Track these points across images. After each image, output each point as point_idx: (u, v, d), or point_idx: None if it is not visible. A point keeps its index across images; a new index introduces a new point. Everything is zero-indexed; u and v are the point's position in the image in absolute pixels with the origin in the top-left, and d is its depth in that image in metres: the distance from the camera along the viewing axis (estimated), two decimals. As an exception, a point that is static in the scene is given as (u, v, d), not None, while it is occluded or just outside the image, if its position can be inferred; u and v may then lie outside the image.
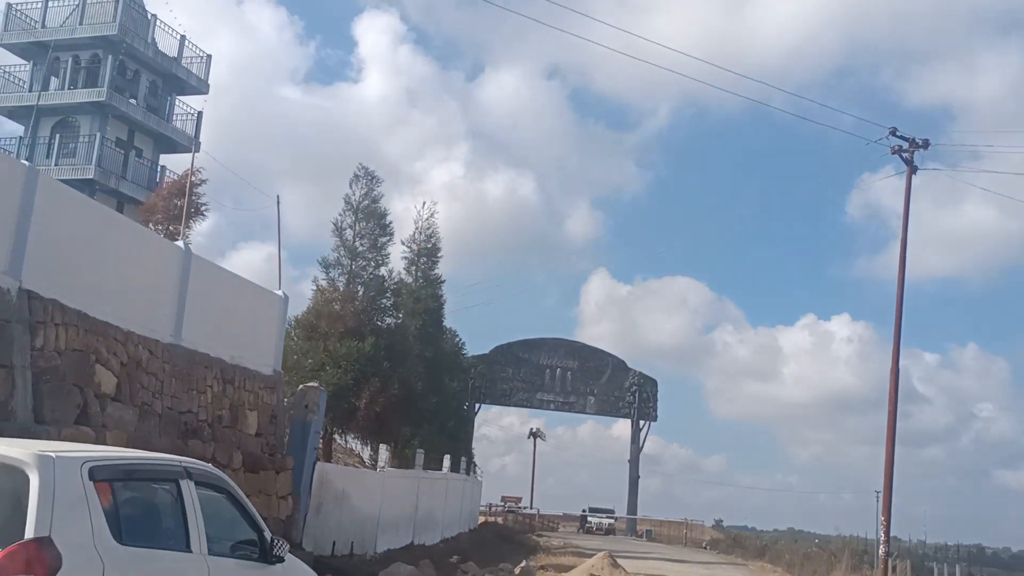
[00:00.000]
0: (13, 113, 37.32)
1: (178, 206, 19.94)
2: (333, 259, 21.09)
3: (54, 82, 37.83)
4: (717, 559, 32.19)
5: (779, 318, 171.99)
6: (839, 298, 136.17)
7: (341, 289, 20.70)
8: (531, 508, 49.96)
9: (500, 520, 41.88)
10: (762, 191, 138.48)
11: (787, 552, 31.14)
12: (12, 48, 37.15)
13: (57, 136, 36.18)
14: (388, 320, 21.85)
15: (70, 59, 37.48)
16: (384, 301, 21.55)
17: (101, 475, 4.69)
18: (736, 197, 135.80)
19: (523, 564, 17.82)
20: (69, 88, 37.18)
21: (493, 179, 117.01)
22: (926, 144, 17.69)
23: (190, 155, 37.93)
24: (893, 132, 17.70)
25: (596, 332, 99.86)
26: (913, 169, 17.55)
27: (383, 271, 21.53)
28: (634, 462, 51.25)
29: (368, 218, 21.43)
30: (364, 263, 21.25)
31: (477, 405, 47.21)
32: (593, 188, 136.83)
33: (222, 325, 13.75)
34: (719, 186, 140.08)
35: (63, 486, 4.40)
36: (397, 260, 24.16)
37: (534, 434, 61.57)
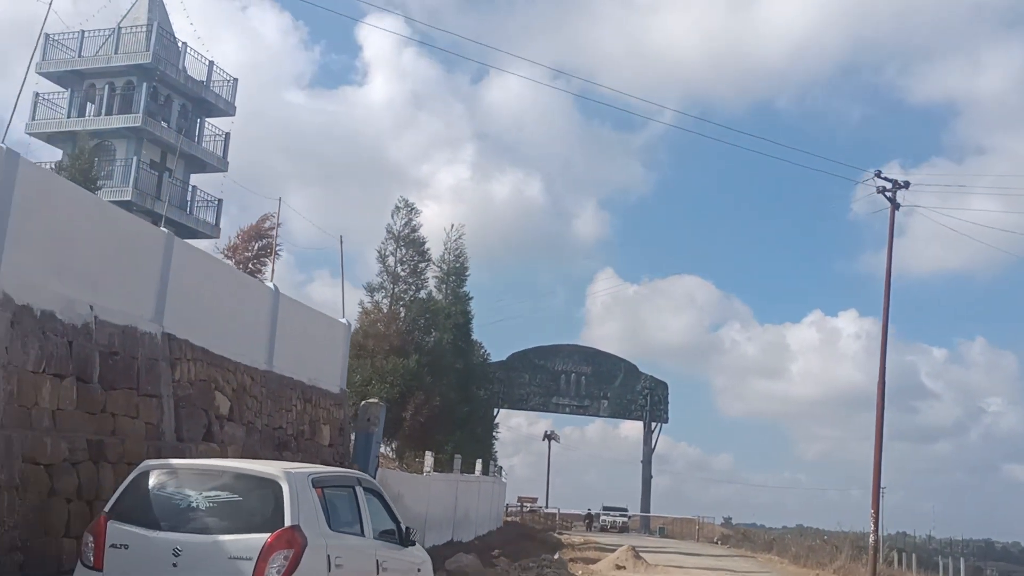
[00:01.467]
0: (52, 138, 39.43)
1: (255, 248, 22.27)
2: (377, 283, 23.37)
3: (90, 108, 40.00)
4: (728, 552, 34.42)
5: (786, 315, 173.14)
6: (846, 294, 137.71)
7: (385, 311, 22.97)
8: (548, 508, 52.20)
9: (518, 519, 44.03)
10: (767, 188, 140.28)
11: (793, 545, 33.37)
12: (50, 76, 39.28)
13: (95, 160, 38.31)
14: (428, 339, 24.10)
15: (106, 86, 39.64)
16: (423, 321, 23.80)
17: (318, 483, 7.01)
18: (742, 195, 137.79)
19: (557, 556, 20.03)
20: (105, 114, 39.32)
21: (500, 180, 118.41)
22: (907, 185, 19.90)
23: (219, 174, 40.50)
24: (878, 174, 19.93)
25: (603, 332, 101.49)
26: (896, 206, 19.73)
27: (423, 294, 23.75)
28: (646, 462, 53.57)
29: (408, 246, 23.71)
30: (405, 287, 23.52)
31: (496, 410, 49.50)
32: (600, 188, 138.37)
33: (302, 352, 16.06)
34: (725, 185, 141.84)
35: (301, 491, 6.71)
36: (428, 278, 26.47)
37: (549, 436, 63.79)
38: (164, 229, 12.54)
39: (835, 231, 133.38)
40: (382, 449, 31.47)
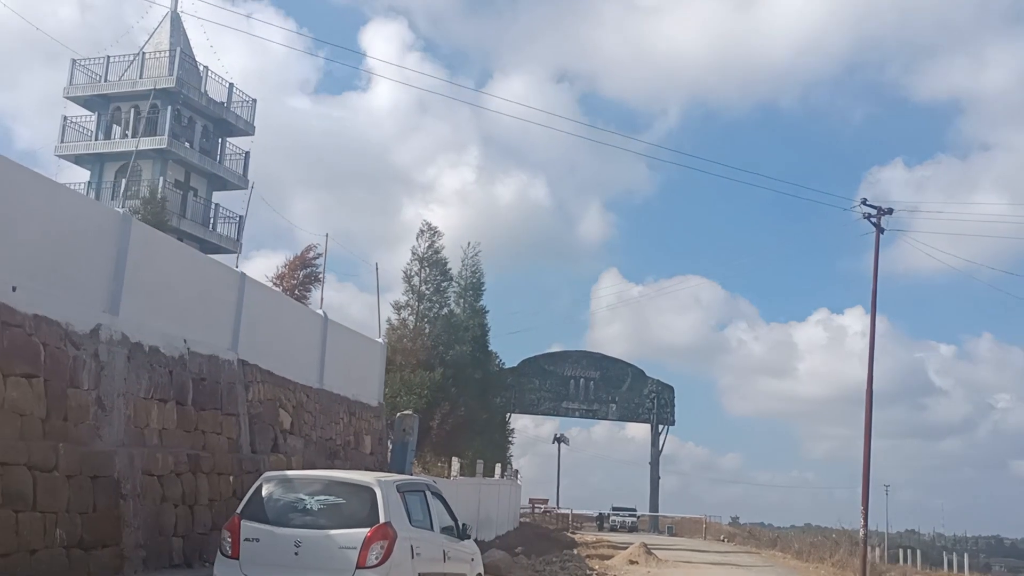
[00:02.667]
0: (80, 159, 41.25)
1: (300, 275, 24.19)
2: (403, 302, 25.26)
3: (116, 130, 41.84)
4: (734, 549, 36.22)
5: (792, 314, 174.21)
6: (852, 292, 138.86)
7: (411, 327, 24.86)
8: (559, 509, 53.96)
9: (529, 520, 45.77)
10: (772, 188, 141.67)
11: (795, 542, 35.17)
12: (77, 100, 41.11)
13: (123, 180, 40.12)
14: (451, 352, 25.96)
15: (132, 109, 41.47)
16: (446, 336, 25.65)
17: (400, 489, 8.87)
18: (746, 195, 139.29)
19: (575, 551, 21.86)
20: (132, 136, 41.10)
21: (504, 183, 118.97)
22: (890, 211, 21.74)
23: (241, 191, 42.36)
24: (864, 201, 21.82)
25: (609, 332, 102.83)
26: (880, 231, 21.55)
27: (445, 311, 25.61)
28: (654, 464, 55.40)
29: (432, 267, 25.59)
30: (430, 304, 25.40)
31: (508, 414, 51.30)
32: (604, 190, 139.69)
33: (346, 370, 17.93)
34: (729, 185, 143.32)
35: (389, 495, 8.56)
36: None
37: (559, 439, 65.52)
38: (238, 270, 14.42)
39: (839, 229, 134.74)
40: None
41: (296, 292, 22.68)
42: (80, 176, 41.70)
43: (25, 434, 9.21)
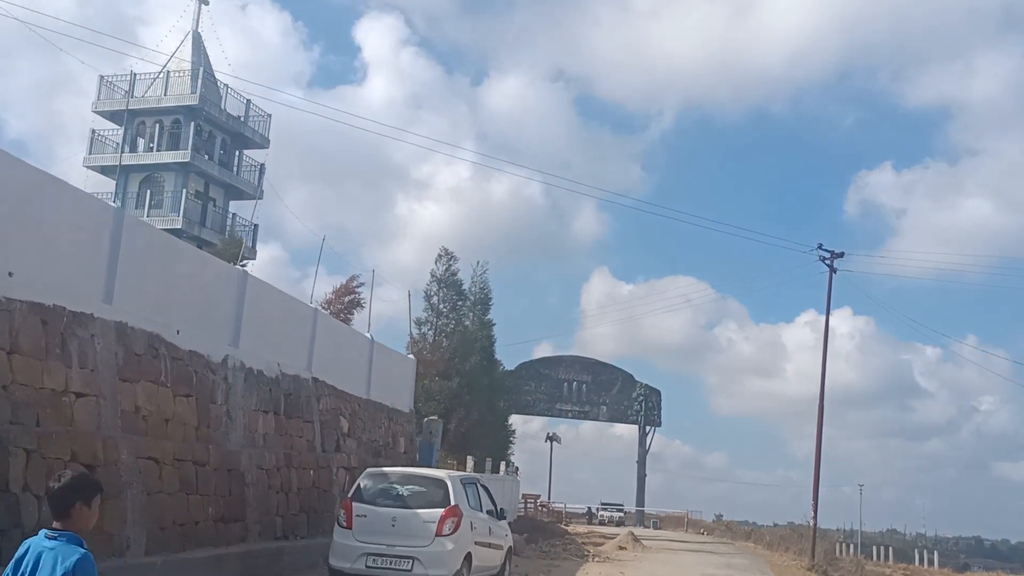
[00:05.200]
0: (105, 170, 44.27)
1: (345, 301, 27.64)
2: (423, 319, 28.80)
3: (140, 143, 44.95)
4: (712, 540, 39.96)
5: (780, 315, 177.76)
6: (839, 294, 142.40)
7: (431, 341, 28.39)
8: (555, 504, 57.63)
9: (523, 514, 49.28)
10: (763, 191, 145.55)
11: (767, 535, 38.86)
12: (103, 114, 44.18)
13: (148, 191, 43.18)
14: (466, 364, 29.52)
15: (156, 124, 44.57)
16: (461, 349, 29.20)
17: (462, 481, 12.47)
18: (737, 198, 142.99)
19: (573, 538, 25.45)
20: (155, 149, 44.17)
21: (499, 181, 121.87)
22: (841, 254, 25.38)
23: (255, 201, 45.66)
24: (820, 246, 25.47)
25: (599, 331, 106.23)
26: (833, 271, 25.16)
27: (460, 328, 29.16)
28: (641, 462, 59.20)
29: (448, 287, 29.14)
30: (446, 321, 28.94)
31: (509, 416, 54.88)
32: (599, 190, 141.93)
33: (386, 382, 21.46)
34: (721, 188, 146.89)
35: (456, 485, 12.14)
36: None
37: (551, 438, 69.20)
38: (312, 304, 17.95)
39: (828, 232, 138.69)
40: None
41: (341, 315, 26.06)
42: (107, 186, 44.99)
43: (187, 438, 12.72)
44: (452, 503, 11.88)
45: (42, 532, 4.04)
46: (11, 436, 9.18)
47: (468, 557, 12.03)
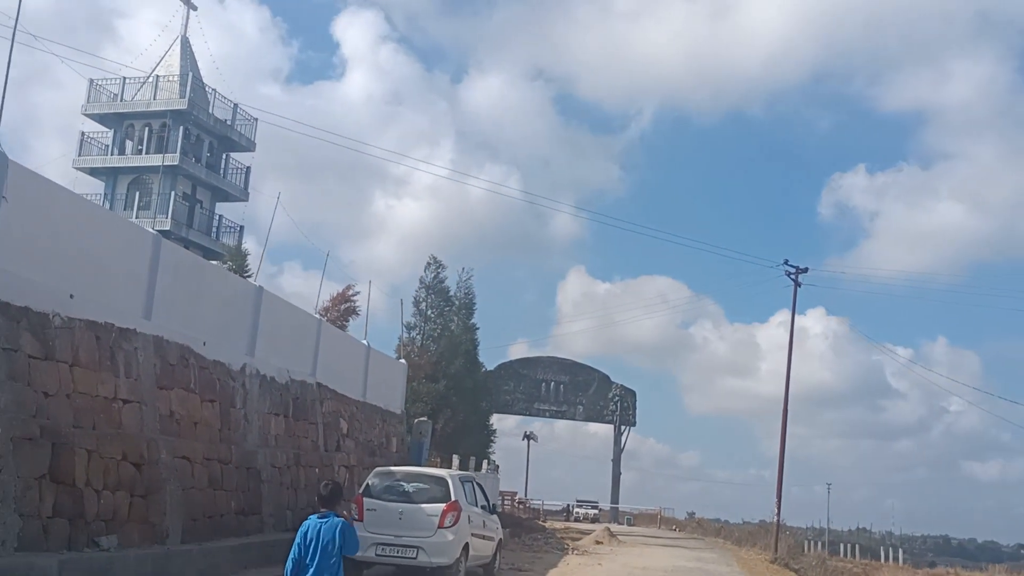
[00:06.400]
0: (95, 172, 45.15)
1: (342, 308, 28.98)
2: (412, 323, 30.23)
3: (129, 145, 45.86)
4: (683, 536, 41.72)
5: (755, 315, 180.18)
6: (813, 294, 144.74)
7: (419, 345, 29.83)
8: (532, 501, 59.24)
9: (502, 511, 50.88)
10: (739, 191, 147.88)
11: (736, 531, 40.66)
12: (93, 117, 45.05)
13: (136, 193, 44.07)
14: (452, 367, 30.99)
15: (145, 127, 45.46)
16: (448, 353, 30.68)
17: (463, 480, 13.98)
18: (714, 198, 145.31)
19: (552, 533, 26.99)
20: (144, 152, 45.06)
21: (478, 177, 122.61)
22: (806, 270, 27.17)
23: (241, 203, 46.61)
24: (786, 262, 27.21)
25: (575, 328, 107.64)
26: (798, 284, 26.93)
27: (447, 333, 30.61)
28: (616, 461, 60.94)
29: (436, 294, 30.58)
30: (434, 326, 30.38)
31: (491, 416, 56.32)
32: (577, 189, 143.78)
33: (380, 385, 22.89)
34: (699, 188, 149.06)
35: (456, 483, 13.65)
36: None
37: (528, 436, 70.76)
38: (317, 316, 19.38)
39: (802, 233, 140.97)
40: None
41: (338, 322, 27.41)
42: (95, 187, 45.86)
43: (212, 439, 14.12)
44: (452, 499, 13.37)
45: (313, 516, 6.99)
46: (75, 438, 10.56)
47: (466, 547, 13.54)
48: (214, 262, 19.23)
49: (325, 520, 6.92)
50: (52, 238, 10.92)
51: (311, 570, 6.78)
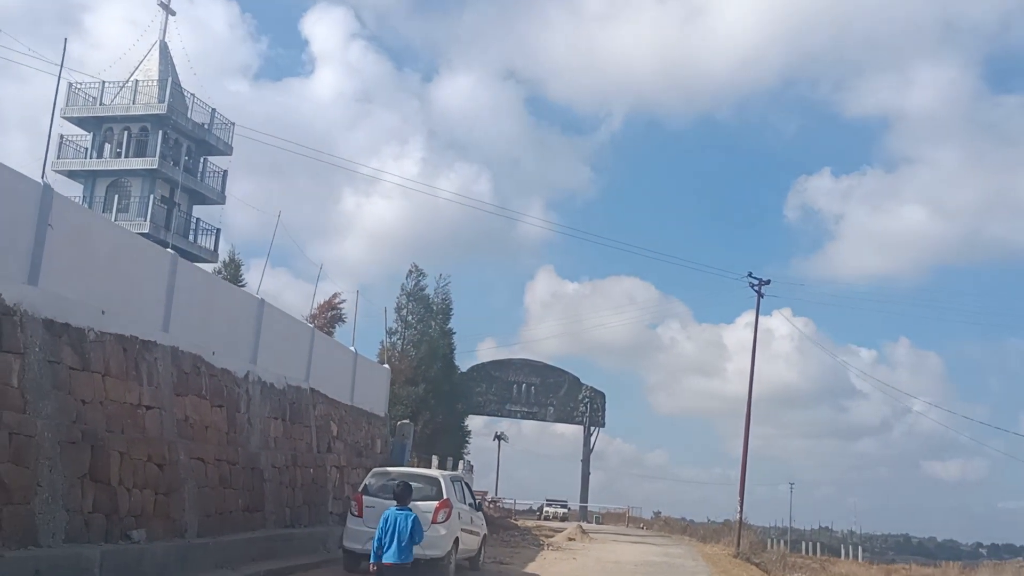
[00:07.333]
0: (73, 175, 45.70)
1: (328, 315, 30.07)
2: (393, 329, 31.45)
3: (107, 148, 46.45)
4: (651, 533, 43.33)
5: (722, 316, 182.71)
6: (779, 296, 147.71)
7: (399, 351, 31.03)
8: (505, 501, 60.59)
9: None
10: (708, 193, 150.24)
11: (701, 529, 42.32)
12: (72, 120, 45.63)
13: (115, 196, 44.72)
14: (431, 371, 32.23)
15: (124, 131, 46.05)
16: (427, 358, 31.92)
17: (453, 480, 15.28)
18: (683, 200, 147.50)
19: (527, 531, 28.36)
20: (123, 156, 45.65)
21: (448, 177, 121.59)
22: (768, 282, 28.82)
23: (218, 206, 47.47)
24: (749, 275, 28.81)
25: (543, 329, 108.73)
26: (761, 296, 28.57)
27: (427, 338, 31.85)
28: (586, 461, 62.54)
29: (417, 301, 31.81)
30: (414, 332, 31.59)
31: (466, 417, 57.56)
32: (548, 190, 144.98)
33: (366, 390, 24.08)
34: (668, 190, 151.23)
35: (447, 482, 14.96)
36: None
37: (498, 437, 72.22)
38: (309, 325, 20.54)
39: (769, 235, 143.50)
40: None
41: (325, 329, 28.50)
42: (74, 190, 46.41)
43: (220, 442, 15.27)
44: (444, 496, 14.65)
45: (392, 507, 9.40)
46: (109, 442, 11.70)
47: (456, 540, 14.83)
48: (219, 274, 20.26)
49: (402, 512, 9.52)
50: (87, 260, 12.06)
51: (389, 549, 9.18)
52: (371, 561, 9.64)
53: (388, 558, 9.16)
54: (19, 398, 10.28)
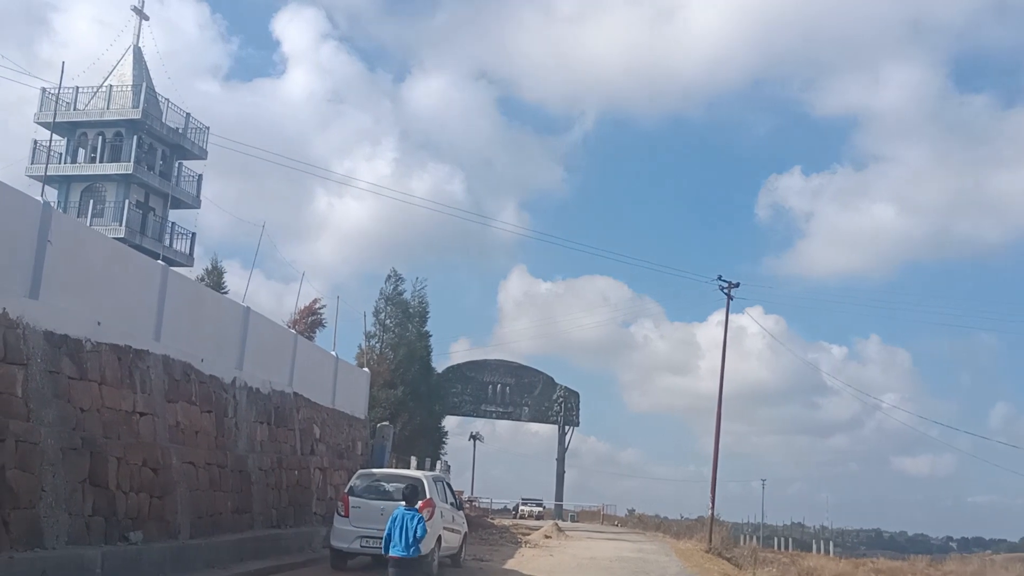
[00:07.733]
0: (48, 180, 45.63)
1: (309, 320, 30.50)
2: (372, 332, 31.97)
3: (81, 154, 46.47)
4: (625, 531, 44.18)
5: (695, 314, 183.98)
6: (749, 294, 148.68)
7: (378, 354, 31.55)
8: (482, 500, 61.22)
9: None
10: (680, 192, 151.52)
11: (674, 525, 43.22)
12: (46, 125, 45.64)
13: (91, 201, 44.79)
14: (409, 373, 32.79)
15: (99, 136, 46.06)
16: (406, 361, 32.49)
17: (435, 480, 15.91)
18: (655, 199, 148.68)
19: (504, 528, 29.01)
20: (97, 161, 45.63)
21: (420, 178, 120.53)
22: (737, 285, 29.71)
23: (193, 210, 47.70)
24: (719, 277, 29.71)
25: (516, 328, 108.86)
26: (731, 298, 29.47)
27: (405, 342, 32.42)
28: (560, 460, 63.27)
29: (395, 306, 32.35)
30: (392, 335, 32.14)
31: (443, 419, 58.13)
32: (521, 190, 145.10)
33: (347, 393, 24.61)
34: (640, 189, 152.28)
35: (430, 482, 15.58)
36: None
37: (474, 436, 72.87)
38: (292, 331, 21.05)
39: (740, 233, 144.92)
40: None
41: (305, 333, 29.00)
42: (48, 195, 46.37)
43: (210, 446, 15.78)
44: (427, 496, 15.23)
45: (401, 507, 9.98)
46: (107, 448, 12.20)
47: (439, 539, 15.43)
48: (202, 282, 20.70)
49: (409, 512, 10.19)
50: (83, 273, 12.55)
51: (398, 546, 9.92)
52: (383, 552, 10.46)
53: (396, 552, 10.03)
54: (23, 407, 10.77)
